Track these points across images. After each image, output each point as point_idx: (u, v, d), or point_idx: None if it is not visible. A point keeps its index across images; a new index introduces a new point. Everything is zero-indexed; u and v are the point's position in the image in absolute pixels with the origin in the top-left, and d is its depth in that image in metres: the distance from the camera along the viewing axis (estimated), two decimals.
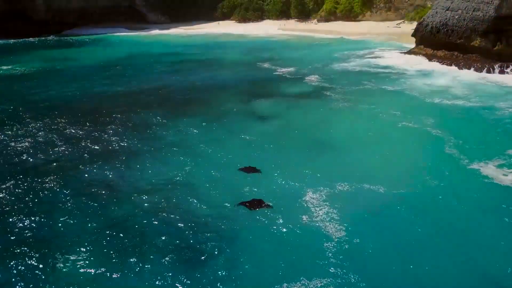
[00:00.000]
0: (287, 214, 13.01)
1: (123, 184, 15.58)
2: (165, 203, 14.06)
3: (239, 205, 13.58)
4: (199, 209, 13.61)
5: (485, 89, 28.27)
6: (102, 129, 21.56)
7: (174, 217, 13.19)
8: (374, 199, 13.86)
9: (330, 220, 12.54)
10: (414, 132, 20.24)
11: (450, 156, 17.18)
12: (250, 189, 14.73)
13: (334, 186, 14.58)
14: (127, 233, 12.42)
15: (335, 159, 17.23)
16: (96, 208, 13.88)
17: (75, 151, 18.74)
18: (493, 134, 20.12)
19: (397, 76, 32.83)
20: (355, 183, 14.78)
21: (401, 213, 13.22)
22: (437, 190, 14.55)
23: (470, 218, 12.98)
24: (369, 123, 21.85)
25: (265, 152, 18.27)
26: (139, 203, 14.12)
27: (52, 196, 14.72)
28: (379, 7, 71.87)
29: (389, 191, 14.28)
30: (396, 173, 15.72)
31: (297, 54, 47.40)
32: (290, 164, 16.78)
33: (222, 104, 26.57)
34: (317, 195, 13.99)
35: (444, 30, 35.71)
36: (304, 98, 27.63)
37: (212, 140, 19.79)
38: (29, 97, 29.09)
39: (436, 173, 15.72)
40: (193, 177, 15.96)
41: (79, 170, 16.82)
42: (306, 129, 21.43)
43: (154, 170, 16.68)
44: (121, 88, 31.75)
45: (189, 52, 51.46)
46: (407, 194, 14.20)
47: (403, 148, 18.37)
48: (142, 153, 18.44)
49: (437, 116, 22.53)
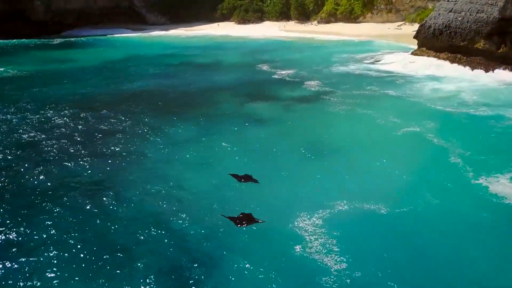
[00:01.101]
0: (280, 235, 12.06)
1: (107, 195, 14.75)
2: (150, 218, 13.24)
3: (229, 218, 12.78)
4: (187, 226, 12.79)
5: (493, 94, 26.95)
6: (92, 135, 20.80)
7: (159, 234, 12.39)
8: (374, 220, 12.74)
9: (326, 247, 11.30)
10: (417, 141, 19.07)
11: (456, 170, 15.83)
12: (243, 201, 13.94)
13: (332, 204, 13.38)
14: (108, 250, 11.65)
15: (334, 171, 16.23)
16: (76, 221, 13.08)
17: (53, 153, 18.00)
18: (503, 144, 18.59)
19: (398, 80, 31.92)
20: (354, 200, 13.58)
21: (403, 238, 11.95)
22: (441, 210, 13.23)
23: (479, 246, 11.55)
24: (370, 130, 20.83)
25: (261, 160, 17.47)
26: (123, 217, 13.33)
27: (32, 208, 13.91)
28: (379, 9, 71.01)
29: (390, 210, 13.06)
30: (398, 190, 14.55)
31: (297, 56, 46.59)
32: (287, 174, 15.98)
33: (218, 108, 25.84)
34: (313, 213, 12.91)
35: (447, 32, 34.82)
36: (303, 102, 26.79)
37: (205, 147, 19.05)
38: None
39: (441, 191, 14.39)
40: (184, 188, 15.17)
41: (64, 176, 16.08)
42: (305, 136, 20.51)
43: (142, 178, 15.90)
44: (107, 90, 30.88)
45: (188, 54, 50.68)
46: (409, 214, 12.98)
47: (406, 160, 17.10)
48: (130, 160, 17.66)
49: (442, 123, 21.53)
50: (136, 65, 43.13)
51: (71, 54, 54.00)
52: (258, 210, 13.20)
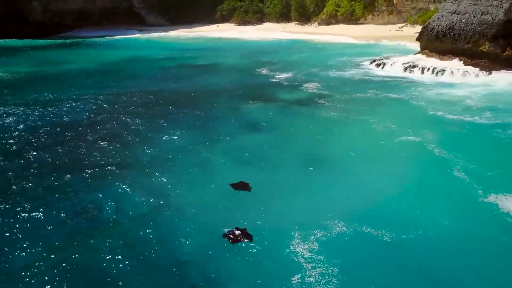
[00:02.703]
0: (274, 258, 11.07)
1: (97, 208, 13.87)
2: (144, 234, 12.32)
3: (223, 237, 11.91)
4: (180, 243, 11.85)
5: (500, 98, 25.75)
6: (83, 141, 19.90)
7: (152, 252, 11.49)
8: (377, 245, 11.50)
9: (325, 278, 10.29)
10: (420, 152, 17.64)
11: (462, 186, 14.53)
12: (235, 215, 13.05)
13: (328, 226, 12.22)
14: (102, 269, 10.77)
15: (332, 186, 15.01)
16: (66, 238, 12.18)
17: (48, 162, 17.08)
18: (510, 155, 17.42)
19: (401, 84, 30.96)
20: (351, 223, 12.34)
21: (411, 266, 10.76)
22: (448, 233, 11.96)
23: (489, 274, 10.40)
24: (370, 140, 19.45)
25: (257, 170, 16.56)
26: (117, 234, 12.41)
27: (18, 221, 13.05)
28: (381, 10, 70.20)
29: (390, 235, 11.77)
30: (399, 210, 13.30)
31: (296, 58, 45.80)
32: (282, 187, 15.07)
33: (214, 112, 24.97)
34: (309, 235, 11.78)
35: (450, 34, 33.94)
36: (302, 107, 25.87)
37: (199, 155, 18.13)
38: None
39: (446, 210, 13.12)
40: (177, 199, 14.29)
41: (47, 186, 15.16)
42: (305, 145, 19.33)
43: (135, 189, 14.99)
44: (103, 93, 29.89)
45: (186, 56, 49.89)
46: (411, 239, 11.71)
47: (408, 174, 15.71)
48: (121, 171, 16.69)
49: (446, 131, 20.26)
50: (133, 67, 42.38)
51: (68, 55, 53.28)
52: (252, 227, 12.31)
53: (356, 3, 72.05)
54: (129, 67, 42.30)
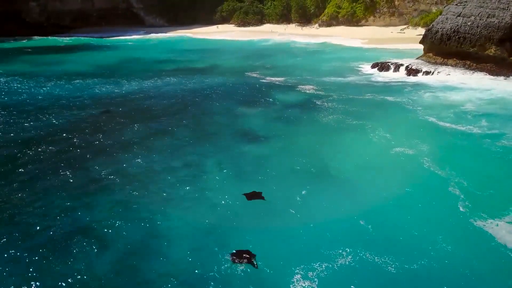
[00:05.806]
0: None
1: (87, 228, 12.79)
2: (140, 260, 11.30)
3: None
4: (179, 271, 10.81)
5: (508, 106, 24.37)
6: (74, 151, 18.89)
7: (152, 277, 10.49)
8: (381, 277, 10.39)
9: None
10: (421, 170, 15.99)
11: (461, 212, 13.00)
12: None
13: (330, 254, 11.11)
14: None
15: (329, 207, 13.68)
16: (58, 257, 11.20)
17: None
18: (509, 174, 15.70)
19: (404, 88, 29.82)
20: (356, 248, 11.28)
21: None
22: (444, 264, 10.76)
23: None
24: (371, 154, 18.03)
25: (256, 182, 15.51)
26: (111, 256, 11.38)
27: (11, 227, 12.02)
28: (382, 12, 69.24)
29: (399, 264, 10.65)
30: (393, 236, 12.00)
31: (295, 61, 44.90)
32: (281, 202, 13.99)
33: (209, 119, 23.98)
34: (309, 266, 10.65)
35: (455, 38, 32.91)
36: (302, 111, 24.84)
37: (190, 166, 17.09)
38: None
39: (446, 239, 11.70)
40: (172, 219, 13.14)
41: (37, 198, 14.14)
42: (306, 156, 17.98)
43: (130, 203, 13.97)
44: (89, 101, 28.50)
45: (185, 59, 48.92)
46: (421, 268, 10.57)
47: (407, 194, 14.36)
48: (106, 187, 15.57)
49: (448, 142, 18.95)
50: (127, 70, 41.35)
51: (65, 56, 52.33)
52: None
53: (357, 4, 71.14)
54: (121, 71, 40.55)
